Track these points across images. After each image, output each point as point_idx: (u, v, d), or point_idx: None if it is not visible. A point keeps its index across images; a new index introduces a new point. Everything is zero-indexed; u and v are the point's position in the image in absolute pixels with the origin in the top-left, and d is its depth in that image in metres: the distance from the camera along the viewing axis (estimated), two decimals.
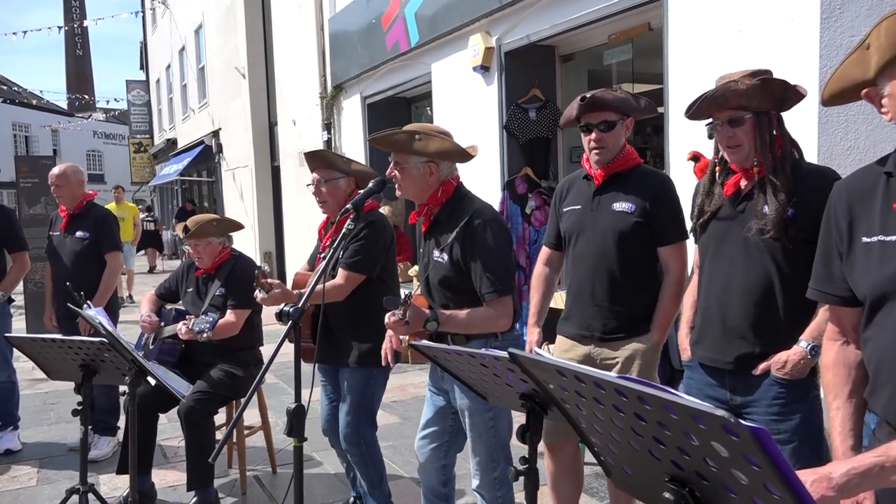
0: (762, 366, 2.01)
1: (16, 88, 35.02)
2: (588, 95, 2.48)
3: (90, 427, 2.95)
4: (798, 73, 3.47)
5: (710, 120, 2.08)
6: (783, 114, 2.08)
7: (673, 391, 0.95)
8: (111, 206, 10.95)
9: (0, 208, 4.44)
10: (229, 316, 3.46)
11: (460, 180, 2.53)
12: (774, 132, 2.03)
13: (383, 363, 2.64)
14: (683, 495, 1.04)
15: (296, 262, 10.68)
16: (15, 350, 3.58)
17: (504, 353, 1.53)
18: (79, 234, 4.24)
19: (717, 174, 2.14)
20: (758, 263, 2.00)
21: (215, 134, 15.58)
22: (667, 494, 1.06)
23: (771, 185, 1.99)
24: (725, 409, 0.89)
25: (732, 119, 2.00)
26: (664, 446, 1.02)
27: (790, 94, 2.03)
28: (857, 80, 1.40)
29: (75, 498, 2.79)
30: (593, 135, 2.49)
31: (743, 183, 2.08)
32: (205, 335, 3.23)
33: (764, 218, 1.98)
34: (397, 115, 8.05)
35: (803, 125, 3.37)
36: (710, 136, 2.11)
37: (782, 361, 1.98)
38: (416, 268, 6.57)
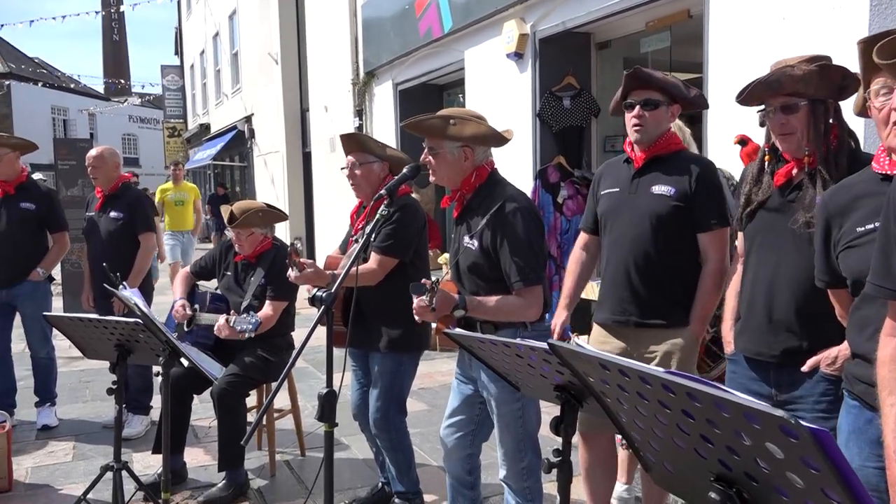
0: (811, 362, 1.93)
1: (55, 73, 35.67)
2: (634, 68, 2.44)
3: (124, 406, 2.99)
4: (846, 63, 3.35)
5: (762, 106, 2.00)
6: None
7: (724, 388, 0.91)
8: (167, 185, 9.49)
9: (43, 190, 4.53)
10: (267, 309, 3.45)
11: (495, 166, 2.49)
12: (830, 121, 1.95)
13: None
14: (730, 496, 1.00)
15: (326, 247, 10.72)
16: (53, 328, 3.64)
17: (541, 344, 1.50)
18: (112, 214, 4.29)
19: (767, 163, 2.06)
20: (807, 255, 1.91)
21: (248, 119, 15.71)
22: (712, 494, 1.02)
23: (822, 176, 1.91)
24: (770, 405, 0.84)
25: (786, 105, 1.93)
26: (712, 445, 0.98)
27: (849, 82, 1.94)
28: None
29: (109, 474, 2.83)
30: (635, 111, 2.44)
31: (794, 172, 2.00)
32: (247, 335, 3.21)
33: (812, 210, 1.90)
34: (429, 102, 7.99)
35: (848, 114, 3.26)
36: (762, 124, 2.03)
37: (832, 357, 1.89)
38: (445, 255, 6.55)
